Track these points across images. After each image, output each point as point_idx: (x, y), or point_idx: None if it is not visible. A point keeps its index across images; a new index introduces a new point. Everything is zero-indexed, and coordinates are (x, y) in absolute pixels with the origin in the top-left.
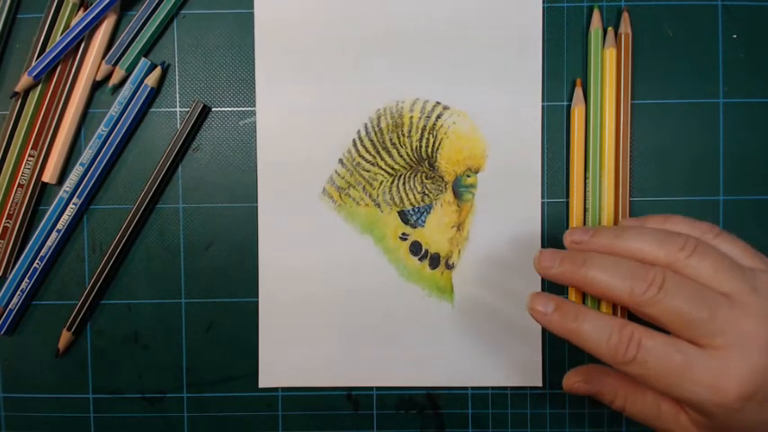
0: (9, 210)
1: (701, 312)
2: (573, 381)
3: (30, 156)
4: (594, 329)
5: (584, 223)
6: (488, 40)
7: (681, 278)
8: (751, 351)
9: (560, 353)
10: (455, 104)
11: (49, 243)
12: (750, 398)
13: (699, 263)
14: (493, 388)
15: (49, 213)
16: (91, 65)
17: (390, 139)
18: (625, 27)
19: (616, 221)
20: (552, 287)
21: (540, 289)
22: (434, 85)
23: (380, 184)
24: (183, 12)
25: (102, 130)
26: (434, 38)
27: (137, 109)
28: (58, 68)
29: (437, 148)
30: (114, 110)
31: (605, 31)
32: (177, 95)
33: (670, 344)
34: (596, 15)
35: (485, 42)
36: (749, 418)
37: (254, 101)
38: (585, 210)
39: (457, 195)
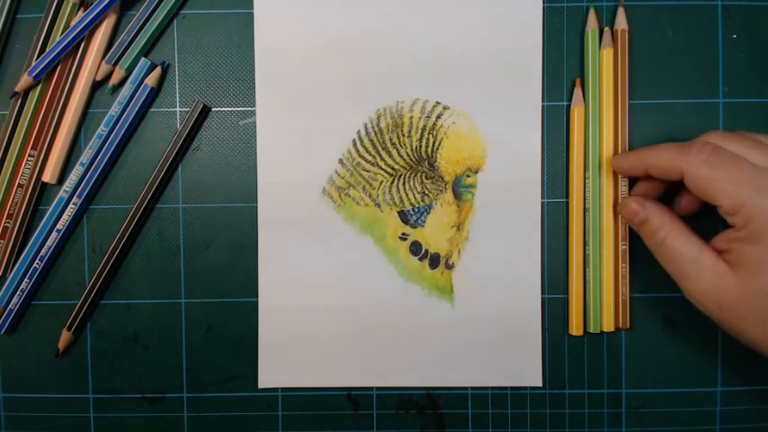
0: (9, 210)
1: (760, 138)
2: (632, 194)
3: (30, 156)
4: (669, 147)
5: (585, 223)
6: (488, 40)
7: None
8: None
9: (560, 353)
10: (455, 104)
11: (48, 243)
12: None
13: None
14: (493, 388)
15: (48, 213)
16: (91, 65)
17: (390, 139)
18: (621, 23)
19: (616, 221)
20: (553, 285)
21: (539, 293)
22: (434, 85)
23: (380, 184)
24: (182, 12)
25: (102, 130)
26: (434, 38)
27: (137, 109)
28: (58, 68)
29: (437, 148)
30: (114, 110)
31: (602, 31)
32: (177, 95)
33: (747, 148)
34: (592, 15)
35: (485, 42)
36: None
37: (254, 101)
38: (585, 210)
39: (457, 195)
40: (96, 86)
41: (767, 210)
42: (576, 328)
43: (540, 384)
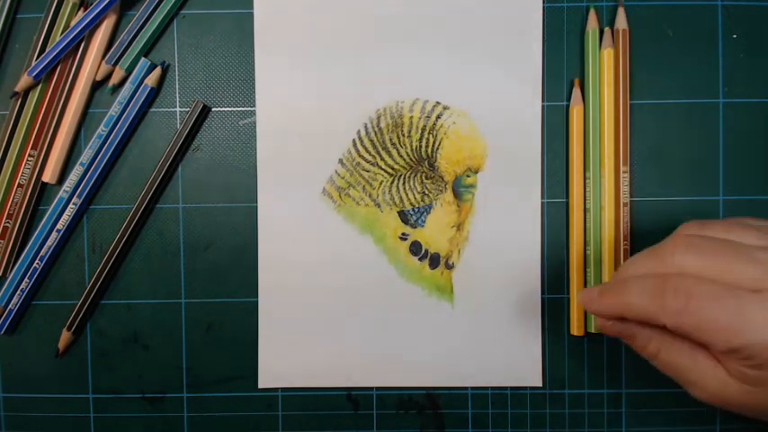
0: (9, 210)
1: (739, 260)
2: (606, 321)
3: (30, 156)
4: (640, 291)
5: (585, 223)
6: (488, 40)
7: (699, 238)
8: None
9: (560, 353)
10: (455, 104)
11: (48, 243)
12: None
13: (709, 231)
14: (493, 388)
15: (48, 213)
16: (91, 65)
17: (390, 139)
18: (621, 23)
19: (617, 222)
20: (553, 285)
21: (539, 293)
22: (434, 85)
23: (380, 184)
24: (183, 12)
25: (102, 130)
26: (434, 38)
27: (137, 109)
28: (58, 68)
29: (437, 148)
30: (114, 110)
31: (602, 31)
32: (177, 95)
33: (721, 288)
34: (592, 15)
35: (485, 42)
36: None
37: (254, 101)
38: (585, 210)
39: (457, 195)
40: (96, 86)
41: None
42: (576, 328)
43: (540, 384)
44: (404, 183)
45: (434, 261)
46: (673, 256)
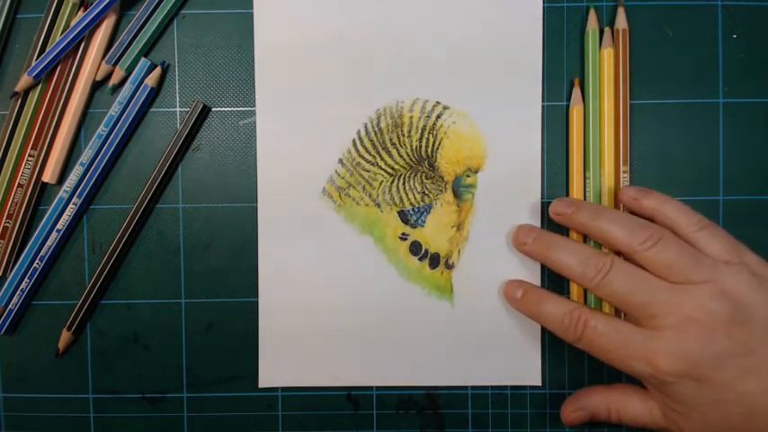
0: (9, 210)
1: (637, 298)
2: (568, 412)
3: (30, 156)
4: (551, 312)
5: None
6: (488, 40)
7: (627, 267)
8: (686, 334)
9: (560, 353)
10: (455, 104)
11: (48, 243)
12: (683, 374)
13: (656, 255)
14: (493, 388)
15: (48, 213)
16: (91, 65)
17: (390, 139)
18: (621, 23)
19: None
20: (553, 285)
21: (539, 283)
22: (434, 85)
23: (380, 184)
24: (183, 12)
25: (102, 130)
26: (434, 38)
27: (137, 109)
28: (58, 68)
29: (437, 148)
30: (114, 110)
31: (602, 31)
32: (177, 95)
33: (611, 324)
34: (592, 15)
35: (484, 42)
36: (690, 395)
37: (254, 101)
38: None
39: (457, 195)
40: (96, 86)
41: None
42: None
43: (540, 384)
44: (404, 183)
45: (434, 261)
46: (642, 243)
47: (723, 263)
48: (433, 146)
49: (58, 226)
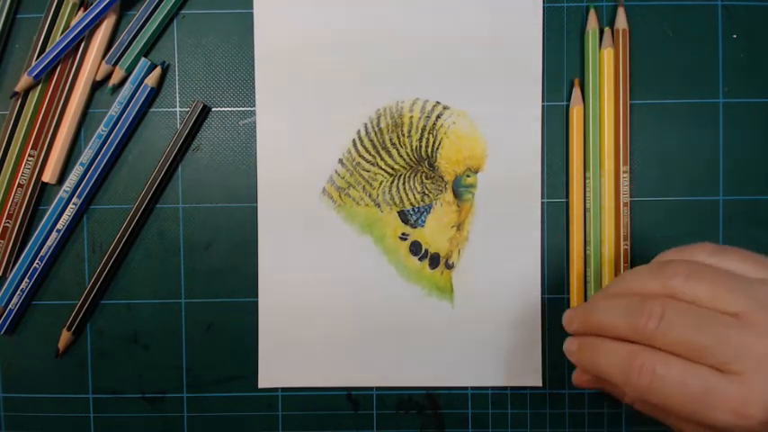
0: (9, 210)
1: (709, 339)
2: (583, 378)
3: (30, 156)
4: (609, 362)
5: (585, 223)
6: (488, 40)
7: (683, 305)
8: None
9: (560, 353)
10: (455, 104)
11: (48, 243)
12: None
13: (696, 287)
14: (493, 388)
15: (48, 213)
16: (91, 65)
17: (390, 139)
18: (621, 23)
19: (617, 222)
20: (553, 285)
21: (539, 293)
22: (434, 85)
23: (380, 184)
24: (182, 12)
25: (102, 130)
26: (434, 38)
27: (137, 109)
28: (58, 68)
29: (437, 148)
30: (114, 110)
31: (602, 31)
32: (177, 95)
33: (688, 370)
34: (592, 15)
35: (485, 42)
36: None
37: (254, 101)
38: (585, 210)
39: (457, 195)
40: (96, 86)
41: None
42: None
43: (540, 384)
44: (404, 183)
45: (434, 261)
46: (667, 281)
47: (765, 281)
48: (433, 146)
49: (58, 226)
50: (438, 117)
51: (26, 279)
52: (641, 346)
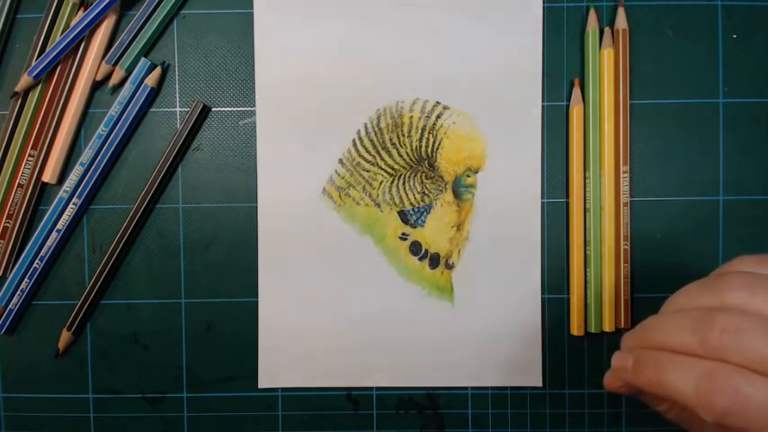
0: (9, 210)
1: None
2: (616, 384)
3: (30, 156)
4: (679, 379)
5: (585, 223)
6: (488, 40)
7: (755, 317)
8: None
9: (560, 353)
10: (455, 104)
11: (48, 243)
12: None
13: (764, 296)
14: (493, 388)
15: (48, 213)
16: (91, 65)
17: (390, 139)
18: (621, 23)
19: (617, 222)
20: (553, 285)
21: (539, 293)
22: (434, 85)
23: (380, 184)
24: (182, 12)
25: (102, 130)
26: (434, 38)
27: (137, 109)
28: (58, 68)
29: (437, 148)
30: (114, 110)
31: (602, 31)
32: (177, 95)
33: None
34: (592, 15)
35: (485, 42)
36: None
37: (254, 101)
38: (585, 210)
39: (457, 195)
40: (96, 86)
41: None
42: (576, 328)
43: (540, 384)
44: (404, 183)
45: (434, 261)
46: (726, 294)
47: None
48: (432, 146)
49: (58, 226)
50: (438, 117)
51: (26, 279)
52: (719, 362)
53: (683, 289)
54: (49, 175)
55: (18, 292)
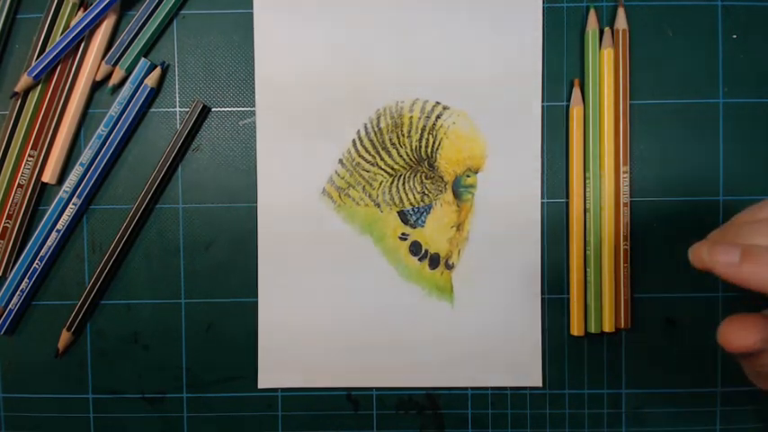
0: (9, 210)
1: None
2: (753, 339)
3: (30, 156)
4: None
5: (585, 224)
6: (488, 40)
7: None
8: None
9: (560, 353)
10: (455, 104)
11: (48, 243)
12: None
13: None
14: (493, 388)
15: (48, 213)
16: (91, 65)
17: (390, 139)
18: (621, 23)
19: (617, 222)
20: (553, 285)
21: (539, 293)
22: (434, 85)
23: (380, 184)
24: (182, 12)
25: (101, 130)
26: (434, 38)
27: (136, 109)
28: (58, 68)
29: (437, 148)
30: (114, 110)
31: (602, 31)
32: (177, 95)
33: None
34: (592, 15)
35: (485, 42)
36: None
37: (254, 101)
38: (585, 210)
39: (456, 195)
40: (96, 86)
41: None
42: (576, 329)
43: (540, 384)
44: (404, 183)
45: (434, 261)
46: None
47: None
48: (432, 146)
49: (58, 226)
50: (438, 117)
51: (26, 279)
52: None
53: (734, 218)
54: (48, 176)
55: (18, 292)
